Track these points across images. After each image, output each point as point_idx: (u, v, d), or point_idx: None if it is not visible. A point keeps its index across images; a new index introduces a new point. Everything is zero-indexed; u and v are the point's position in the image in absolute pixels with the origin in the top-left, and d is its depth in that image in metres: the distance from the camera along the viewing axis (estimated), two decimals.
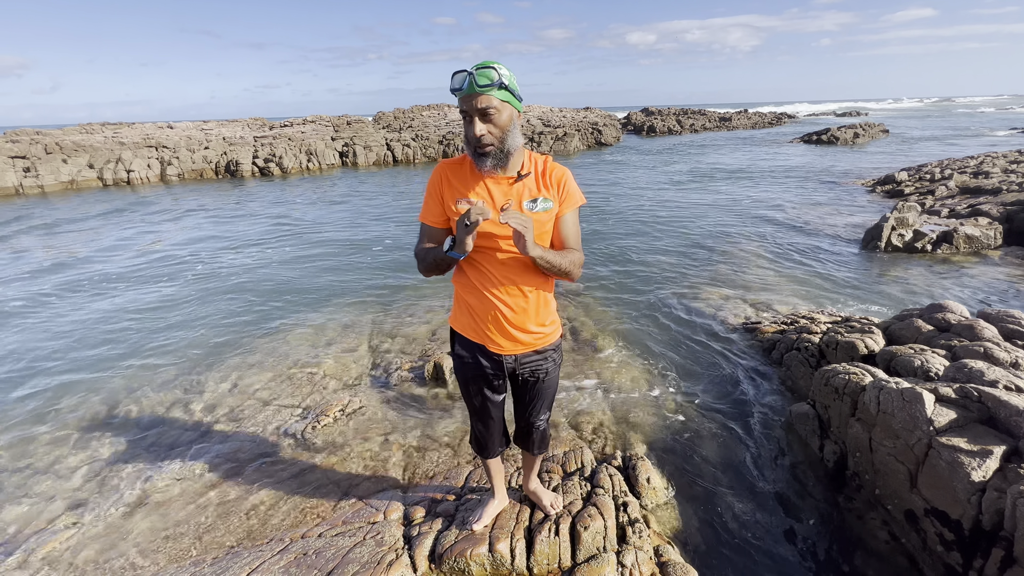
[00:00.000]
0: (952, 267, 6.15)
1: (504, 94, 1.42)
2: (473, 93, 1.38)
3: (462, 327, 1.78)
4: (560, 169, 1.61)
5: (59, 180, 16.34)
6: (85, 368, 4.27)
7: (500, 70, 1.39)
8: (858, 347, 3.38)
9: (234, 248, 8.36)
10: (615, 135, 28.82)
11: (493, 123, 1.43)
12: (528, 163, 1.59)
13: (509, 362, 1.75)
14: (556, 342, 1.83)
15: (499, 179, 1.55)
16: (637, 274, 6.33)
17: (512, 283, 1.62)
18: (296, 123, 26.30)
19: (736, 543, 2.32)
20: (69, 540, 2.42)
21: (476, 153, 1.47)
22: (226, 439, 3.20)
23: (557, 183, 1.58)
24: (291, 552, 2.17)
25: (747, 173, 15.35)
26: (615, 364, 3.99)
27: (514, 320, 1.66)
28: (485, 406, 1.90)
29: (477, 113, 1.41)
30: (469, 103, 1.40)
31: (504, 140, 1.46)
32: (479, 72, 1.38)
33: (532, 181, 1.57)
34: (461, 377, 1.86)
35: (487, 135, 1.43)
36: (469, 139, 1.46)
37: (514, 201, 1.55)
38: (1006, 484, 1.95)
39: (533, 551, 2.07)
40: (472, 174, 1.58)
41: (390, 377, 3.93)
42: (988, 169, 11.39)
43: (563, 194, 1.59)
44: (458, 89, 1.41)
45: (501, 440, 2.05)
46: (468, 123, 1.43)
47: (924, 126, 35.11)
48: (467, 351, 1.79)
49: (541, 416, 1.99)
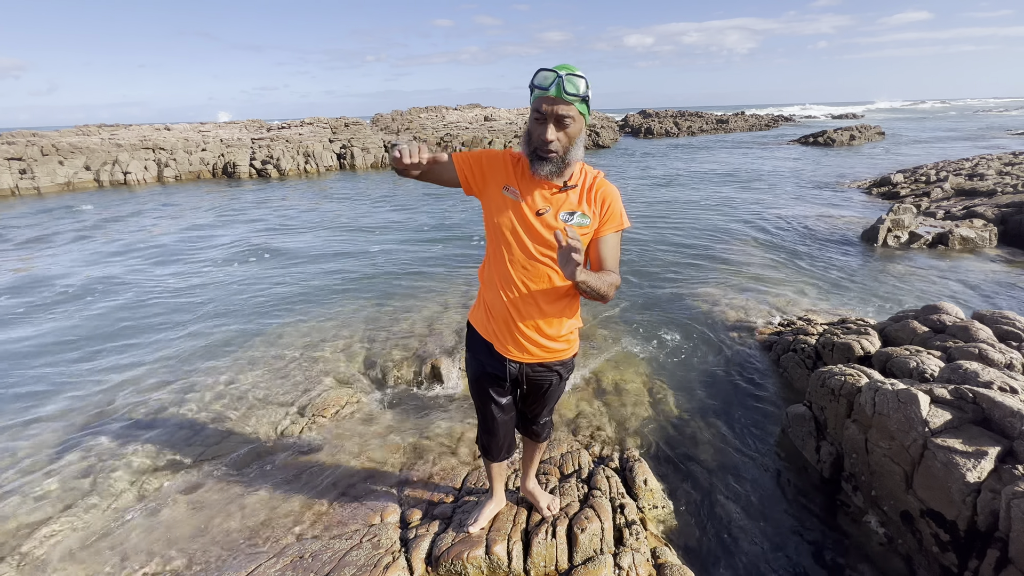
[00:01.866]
0: (949, 265, 6.18)
1: (583, 106, 1.40)
2: (558, 97, 1.35)
3: (477, 322, 1.77)
4: (608, 188, 1.56)
5: (55, 182, 16.28)
6: (81, 364, 4.25)
7: (586, 81, 1.36)
8: (854, 348, 3.40)
9: (231, 248, 8.34)
10: (612, 137, 28.88)
11: (566, 132, 1.40)
12: (578, 175, 1.54)
13: (513, 368, 1.72)
14: (569, 359, 1.78)
15: (547, 185, 1.52)
16: (634, 273, 6.34)
17: (529, 288, 1.58)
18: (294, 125, 26.28)
19: (733, 544, 2.32)
20: (61, 538, 2.40)
21: (537, 156, 1.44)
22: (222, 437, 3.19)
23: (601, 202, 1.54)
24: (288, 555, 2.16)
25: (743, 175, 15.40)
26: (612, 365, 4.00)
27: (522, 325, 1.62)
28: (489, 408, 1.87)
29: (554, 118, 1.37)
30: (551, 106, 1.36)
31: (569, 150, 1.44)
32: (569, 79, 1.34)
33: (575, 194, 1.53)
34: (471, 372, 1.86)
35: (556, 142, 1.40)
36: (534, 139, 1.42)
37: (552, 209, 1.51)
38: (1001, 485, 1.96)
39: (530, 553, 2.07)
40: (523, 171, 1.54)
41: (387, 377, 3.92)
42: (983, 171, 11.46)
43: (606, 214, 1.55)
44: (543, 89, 1.36)
45: (506, 448, 2.01)
46: (540, 124, 1.40)
47: (920, 128, 35.31)
48: (477, 347, 1.78)
49: (542, 418, 1.99)
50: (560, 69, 1.36)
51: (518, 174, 1.55)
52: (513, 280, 1.58)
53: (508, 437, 2.00)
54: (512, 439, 2.04)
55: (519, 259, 1.56)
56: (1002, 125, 35.28)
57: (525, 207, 1.52)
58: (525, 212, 1.52)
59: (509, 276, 1.58)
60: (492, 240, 1.62)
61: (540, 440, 2.09)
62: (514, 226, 1.53)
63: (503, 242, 1.57)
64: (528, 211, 1.52)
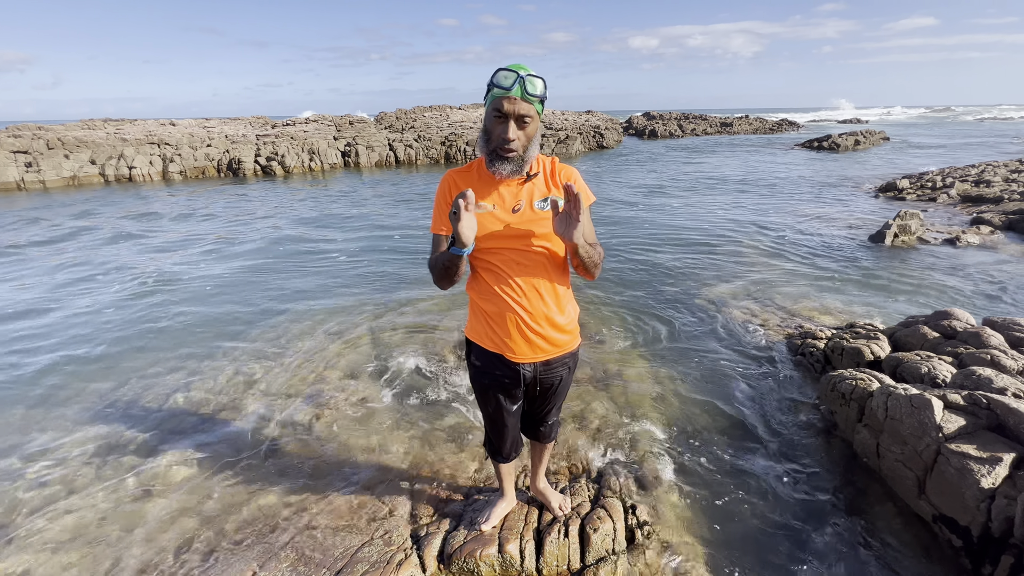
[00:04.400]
0: (956, 268, 6.17)
1: (540, 107, 1.45)
2: (519, 98, 1.39)
3: (478, 336, 1.75)
4: (568, 169, 1.62)
5: (61, 176, 16.31)
6: (83, 356, 4.26)
7: (543, 81, 1.42)
8: (864, 353, 3.39)
9: (237, 243, 8.36)
10: (616, 138, 28.87)
11: (525, 131, 1.44)
12: (536, 164, 1.58)
13: (528, 371, 1.72)
14: (576, 349, 1.81)
15: (509, 181, 1.55)
16: (641, 272, 6.34)
17: (529, 283, 1.61)
18: (298, 122, 26.31)
19: (746, 545, 2.31)
20: (67, 526, 2.41)
21: (497, 155, 1.47)
22: (229, 429, 3.19)
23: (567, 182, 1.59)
24: (298, 548, 2.17)
25: (747, 178, 15.38)
26: (621, 361, 3.99)
27: (532, 323, 1.63)
28: (500, 415, 1.88)
29: (515, 118, 1.41)
30: (511, 106, 1.39)
31: (527, 149, 1.48)
32: (529, 80, 1.38)
33: (541, 181, 1.57)
34: (478, 386, 1.85)
35: (517, 141, 1.44)
36: (495, 138, 1.45)
37: (525, 201, 1.55)
38: (1016, 491, 1.95)
39: (542, 552, 2.07)
40: (481, 178, 1.57)
41: (395, 370, 3.93)
42: (989, 178, 11.43)
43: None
44: (505, 89, 1.39)
45: (515, 446, 2.04)
46: (500, 123, 1.43)
47: (925, 134, 35.23)
48: (483, 361, 1.76)
49: (552, 415, 1.99)
50: (519, 69, 1.40)
51: (482, 182, 1.57)
52: (513, 282, 1.60)
53: (516, 437, 2.02)
54: (519, 437, 2.06)
55: (513, 259, 1.58)
56: (1008, 132, 35.20)
57: (500, 211, 1.55)
58: (500, 216, 1.55)
59: (507, 280, 1.60)
60: (480, 255, 1.62)
61: (547, 441, 2.10)
62: (497, 233, 1.55)
63: (492, 252, 1.58)
64: (503, 213, 1.55)
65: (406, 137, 22.77)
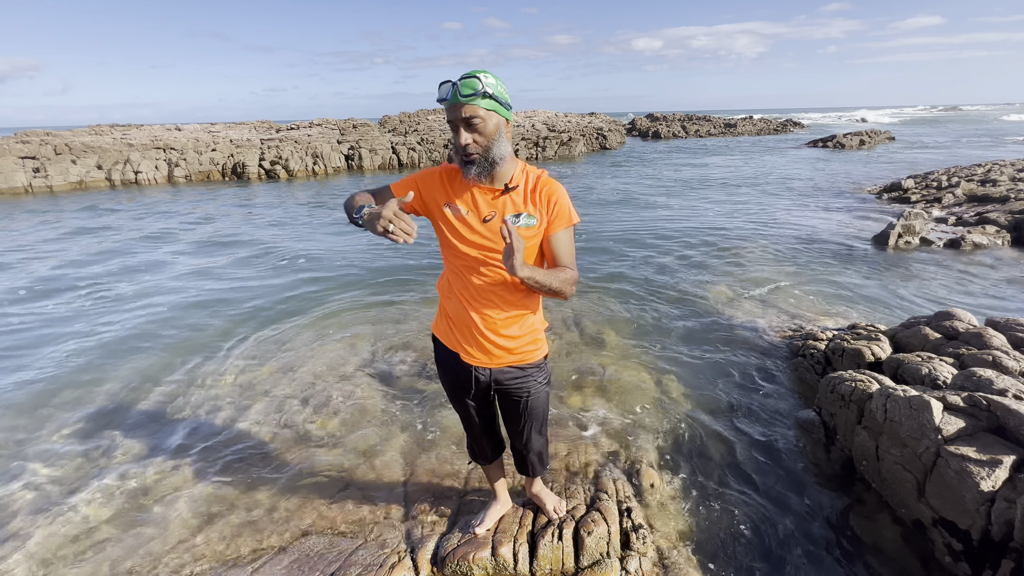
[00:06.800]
0: (960, 270, 6.11)
1: (490, 103, 1.42)
2: (457, 103, 1.39)
3: (441, 333, 1.79)
4: (553, 186, 1.57)
5: (68, 180, 16.48)
6: (83, 358, 4.29)
7: (484, 79, 1.39)
8: (864, 354, 3.36)
9: (235, 244, 8.40)
10: (619, 140, 28.86)
11: (478, 132, 1.43)
12: (519, 176, 1.56)
13: (482, 375, 1.72)
14: (539, 361, 1.78)
15: (486, 190, 1.54)
16: (641, 272, 6.32)
17: (493, 299, 1.62)
18: (302, 126, 26.47)
19: (741, 549, 2.29)
20: (64, 528, 2.42)
21: (463, 161, 1.48)
22: (224, 431, 3.20)
23: (547, 200, 1.55)
24: (293, 552, 2.17)
25: (751, 178, 15.32)
26: (618, 362, 3.98)
27: (485, 330, 1.64)
28: (469, 414, 1.90)
29: (462, 123, 1.41)
30: (454, 113, 1.41)
31: (490, 149, 1.46)
32: (463, 82, 1.39)
33: (519, 196, 1.55)
34: (444, 384, 1.88)
35: (472, 144, 1.43)
36: (456, 148, 1.47)
37: (497, 214, 1.53)
38: (1016, 494, 1.92)
39: (536, 555, 2.06)
40: (462, 182, 1.57)
41: (391, 371, 3.93)
42: (995, 177, 11.33)
43: (553, 212, 1.55)
44: (443, 99, 1.42)
45: (494, 447, 2.05)
46: (455, 133, 1.44)
47: (930, 133, 34.98)
48: (443, 358, 1.80)
49: (534, 441, 1.96)
50: (466, 76, 1.40)
51: (456, 188, 1.57)
52: (471, 286, 1.61)
53: (493, 438, 2.02)
54: (498, 439, 2.05)
55: (473, 267, 1.59)
56: (1014, 131, 34.89)
57: (472, 217, 1.55)
58: (471, 223, 1.55)
59: (467, 283, 1.61)
60: (447, 254, 1.65)
61: (533, 475, 2.10)
62: (464, 237, 1.56)
63: (457, 254, 1.59)
64: (475, 220, 1.54)
65: (409, 140, 22.85)
